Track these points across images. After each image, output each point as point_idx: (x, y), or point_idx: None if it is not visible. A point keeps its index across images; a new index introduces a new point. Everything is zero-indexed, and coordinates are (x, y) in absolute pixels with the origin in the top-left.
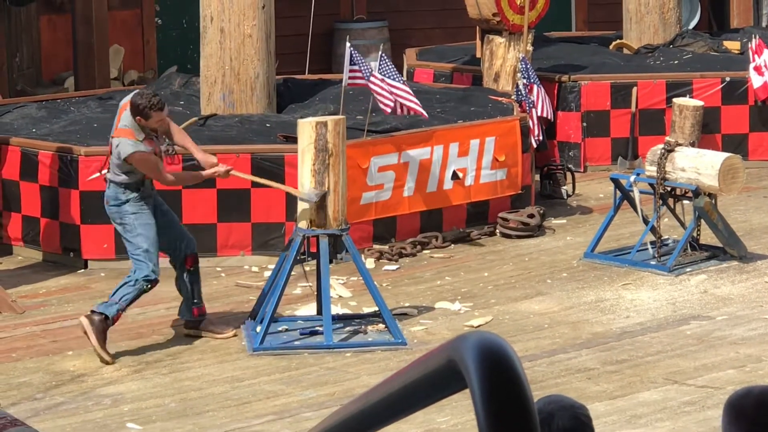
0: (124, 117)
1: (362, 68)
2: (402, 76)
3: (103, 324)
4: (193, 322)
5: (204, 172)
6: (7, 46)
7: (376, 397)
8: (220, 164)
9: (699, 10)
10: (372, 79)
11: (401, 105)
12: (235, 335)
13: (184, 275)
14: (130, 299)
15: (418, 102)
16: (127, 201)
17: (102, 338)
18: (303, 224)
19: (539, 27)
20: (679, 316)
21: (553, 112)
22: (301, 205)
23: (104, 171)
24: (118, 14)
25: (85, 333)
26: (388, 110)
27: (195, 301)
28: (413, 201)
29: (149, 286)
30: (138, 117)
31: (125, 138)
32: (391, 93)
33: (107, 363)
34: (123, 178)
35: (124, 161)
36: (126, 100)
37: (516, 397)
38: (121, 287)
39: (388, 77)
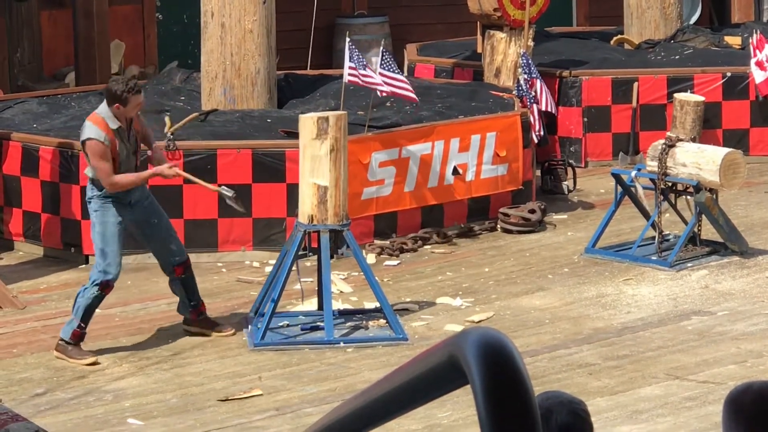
0: (99, 107)
1: (357, 65)
2: (403, 71)
3: (67, 347)
4: (193, 320)
5: (144, 173)
6: (8, 42)
7: (378, 393)
8: (166, 164)
9: (700, 6)
10: (364, 72)
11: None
12: (234, 333)
13: (177, 281)
14: (82, 312)
15: (412, 91)
16: (92, 198)
17: (76, 356)
18: (304, 219)
19: (540, 22)
20: (680, 311)
21: (556, 106)
22: (303, 197)
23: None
24: (118, 9)
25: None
26: (383, 93)
27: (192, 303)
28: (414, 196)
29: (99, 291)
30: (116, 104)
31: (90, 122)
32: (389, 84)
33: (95, 363)
34: (90, 171)
35: (82, 145)
36: None
37: (517, 393)
38: (75, 300)
39: (389, 71)
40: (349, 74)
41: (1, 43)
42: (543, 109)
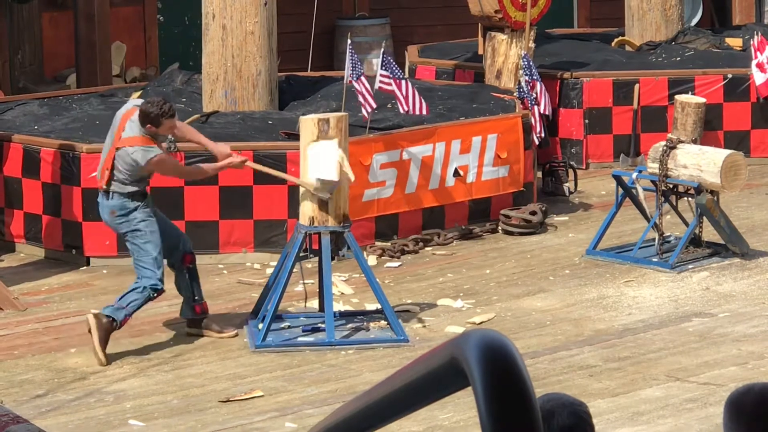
0: (131, 125)
1: (355, 68)
2: (404, 73)
3: (110, 326)
4: (196, 321)
5: (218, 164)
6: (9, 44)
7: (379, 395)
8: (234, 155)
9: (701, 7)
10: (360, 81)
11: (408, 102)
12: (236, 335)
13: (184, 273)
14: (137, 306)
15: (418, 100)
16: (136, 209)
17: (104, 339)
18: (305, 221)
19: (541, 24)
20: (681, 313)
21: (552, 110)
22: (304, 198)
23: (103, 186)
24: (120, 11)
25: (89, 331)
26: (367, 112)
27: (196, 298)
28: (415, 198)
29: (156, 294)
30: (149, 125)
31: (138, 146)
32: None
33: (101, 363)
34: (131, 188)
35: (143, 167)
36: (126, 109)
37: (518, 395)
38: (129, 293)
39: (392, 74)
40: (381, 82)
41: (2, 45)
42: (541, 111)
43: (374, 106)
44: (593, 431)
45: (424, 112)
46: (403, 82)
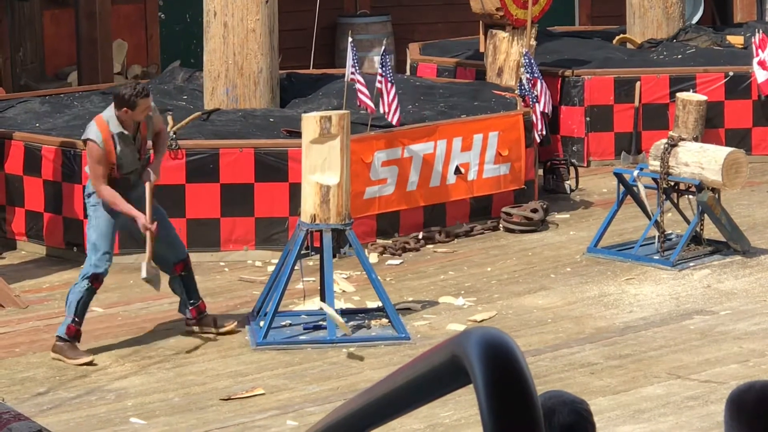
0: (106, 110)
1: (354, 65)
2: (405, 70)
3: (62, 346)
4: (194, 320)
5: (127, 209)
6: (10, 41)
7: (380, 393)
8: (143, 216)
9: (702, 5)
10: (358, 76)
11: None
12: (236, 325)
13: (177, 279)
14: (74, 307)
15: (398, 109)
16: (91, 194)
17: (72, 355)
18: (306, 219)
19: (542, 21)
20: (683, 310)
21: (553, 108)
22: (305, 196)
23: None
24: (121, 9)
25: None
26: (373, 109)
27: (191, 302)
28: (416, 196)
29: (89, 284)
30: (125, 108)
31: (94, 123)
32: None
33: (91, 363)
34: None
35: (83, 143)
36: None
37: (520, 393)
38: (67, 298)
39: (386, 75)
40: (352, 73)
41: (3, 42)
42: (541, 110)
43: (372, 103)
44: (594, 429)
45: (394, 122)
46: (393, 87)
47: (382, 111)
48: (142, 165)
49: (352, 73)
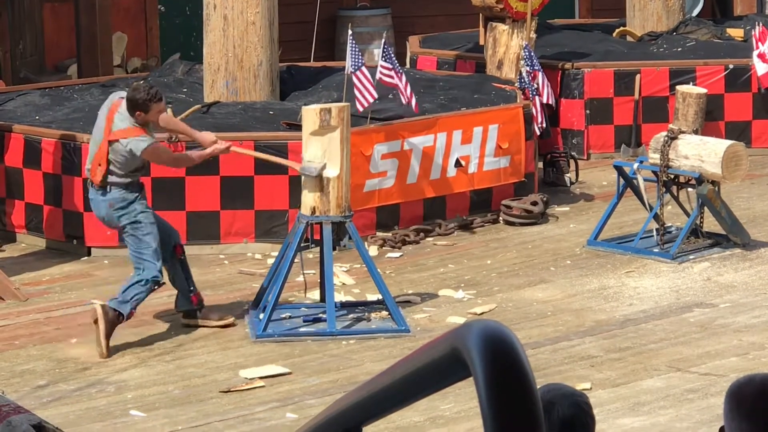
0: (120, 117)
1: (354, 59)
2: (405, 63)
3: (116, 319)
4: (192, 312)
5: (204, 152)
6: (10, 34)
7: (380, 385)
8: (219, 141)
9: None
10: (359, 72)
11: (403, 93)
12: (233, 323)
13: (177, 265)
14: (141, 299)
15: (412, 94)
16: (135, 200)
17: (109, 331)
18: (306, 211)
19: (542, 14)
20: (683, 303)
21: (556, 100)
22: (305, 184)
23: (98, 181)
24: (121, 1)
25: (95, 321)
26: (363, 106)
27: (191, 289)
28: (416, 188)
29: (157, 287)
30: (138, 112)
31: (132, 137)
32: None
33: (102, 356)
34: (129, 179)
35: (137, 158)
36: (112, 101)
37: (519, 385)
38: (132, 285)
39: (392, 66)
40: (381, 73)
41: (3, 35)
42: (545, 101)
43: (374, 97)
44: (594, 422)
45: (418, 110)
46: (403, 74)
47: (405, 101)
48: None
49: (359, 66)
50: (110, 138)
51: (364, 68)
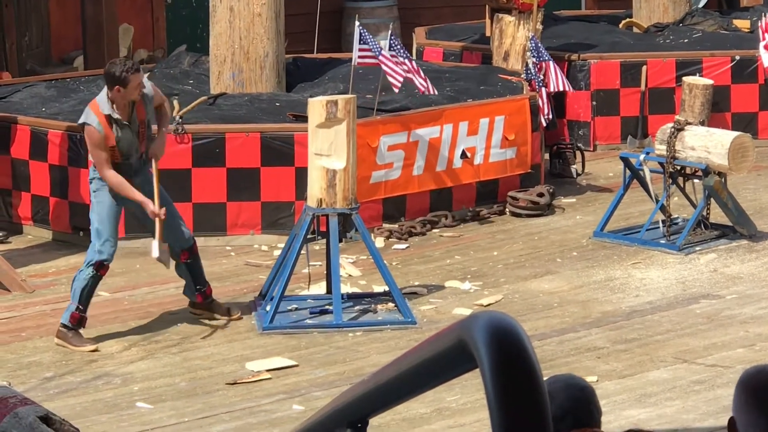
0: (99, 94)
1: (372, 47)
2: (411, 55)
3: (68, 333)
4: (199, 304)
5: (136, 195)
6: (16, 26)
7: (387, 377)
8: (151, 203)
9: None
10: (382, 57)
11: (411, 81)
12: (240, 317)
13: (182, 266)
14: (79, 294)
15: (427, 80)
16: (93, 178)
17: (76, 342)
18: (313, 203)
19: (549, 6)
20: (689, 295)
21: (560, 91)
22: (312, 180)
23: None
24: None
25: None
26: (398, 87)
27: (197, 287)
28: (423, 180)
29: (95, 271)
30: (117, 86)
31: (89, 108)
32: (403, 71)
33: (95, 351)
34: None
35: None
36: None
37: (526, 377)
38: (72, 284)
39: (400, 56)
40: (360, 56)
41: (9, 27)
42: (557, 88)
43: (403, 75)
44: (600, 413)
45: (435, 92)
46: (414, 63)
47: (421, 89)
48: (145, 150)
49: (371, 57)
50: None
51: (384, 51)
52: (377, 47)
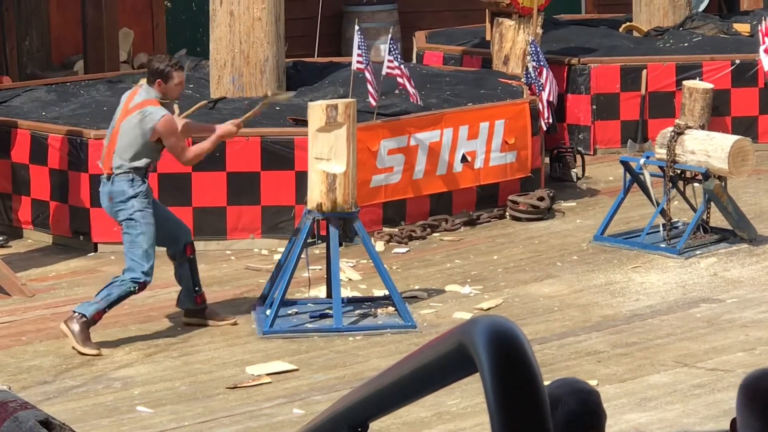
0: (140, 94)
1: (363, 54)
2: (411, 59)
3: (81, 324)
4: (194, 311)
5: (214, 136)
6: (16, 30)
7: (387, 381)
8: (226, 124)
9: None
10: (368, 68)
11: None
12: (235, 323)
13: (185, 264)
14: (113, 300)
15: (413, 87)
16: (135, 196)
17: (82, 338)
18: (313, 207)
19: (549, 9)
20: (689, 298)
21: (560, 96)
22: (312, 184)
23: (107, 169)
24: None
25: (67, 336)
26: (373, 103)
27: (196, 289)
28: (423, 184)
29: (136, 288)
30: (159, 80)
31: (149, 106)
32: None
33: (97, 355)
34: (132, 163)
35: (153, 129)
36: (130, 90)
37: (526, 381)
38: (107, 286)
39: (396, 61)
40: (358, 62)
41: (9, 31)
42: (549, 97)
43: (376, 100)
44: (604, 417)
45: (420, 102)
46: (407, 70)
47: (412, 100)
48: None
49: (360, 62)
50: (128, 112)
51: (370, 65)
52: (367, 57)
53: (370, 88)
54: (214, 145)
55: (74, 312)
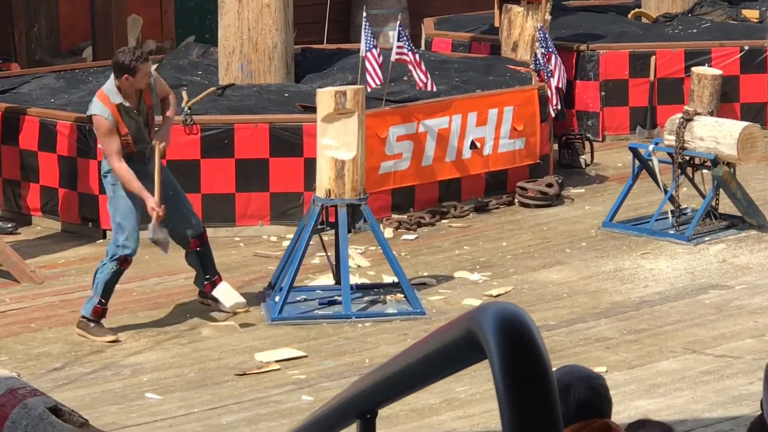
0: (106, 83)
1: (367, 41)
2: (420, 45)
3: (89, 324)
4: (208, 294)
5: (136, 188)
6: (25, 17)
7: (396, 368)
8: (152, 199)
9: None
10: (369, 54)
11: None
12: (247, 310)
13: (193, 254)
14: (102, 287)
15: (427, 74)
16: (108, 172)
17: (97, 333)
18: (321, 194)
19: None
20: (698, 285)
21: (568, 82)
22: (321, 171)
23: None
24: None
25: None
26: (373, 85)
27: (207, 276)
28: (432, 170)
29: (118, 266)
30: (125, 75)
31: (96, 98)
32: (410, 62)
33: (116, 341)
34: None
35: (89, 120)
36: None
37: (535, 367)
38: (95, 276)
39: (405, 47)
40: (398, 53)
41: (18, 17)
42: (557, 84)
43: (380, 81)
44: (610, 404)
45: (433, 88)
46: (417, 56)
47: (420, 83)
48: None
49: (401, 53)
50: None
51: (374, 50)
52: (371, 42)
53: (367, 77)
54: (133, 188)
55: (81, 317)
